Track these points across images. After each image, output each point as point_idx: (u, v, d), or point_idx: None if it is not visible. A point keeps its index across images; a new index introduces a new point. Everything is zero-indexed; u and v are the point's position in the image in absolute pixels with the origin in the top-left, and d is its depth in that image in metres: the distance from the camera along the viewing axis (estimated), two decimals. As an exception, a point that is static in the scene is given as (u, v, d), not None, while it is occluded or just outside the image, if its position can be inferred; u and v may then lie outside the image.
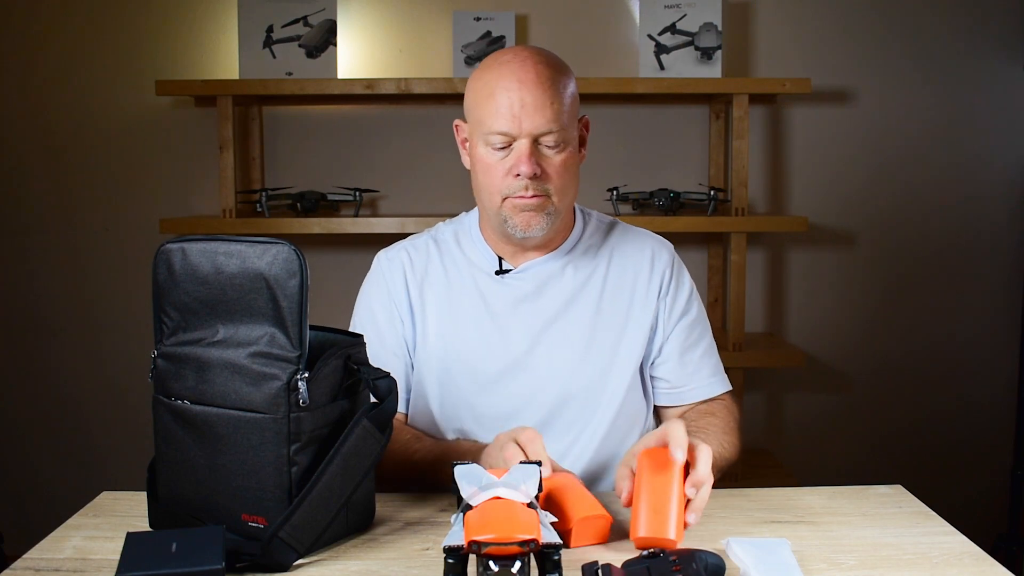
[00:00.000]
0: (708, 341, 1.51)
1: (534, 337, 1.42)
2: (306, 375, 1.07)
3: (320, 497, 1.07)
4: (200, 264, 1.12)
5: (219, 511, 1.10)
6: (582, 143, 1.42)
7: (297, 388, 1.07)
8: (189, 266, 1.13)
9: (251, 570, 1.04)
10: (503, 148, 1.34)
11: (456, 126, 1.45)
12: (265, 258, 1.10)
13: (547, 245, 1.45)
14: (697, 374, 1.48)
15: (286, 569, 1.05)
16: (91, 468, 2.77)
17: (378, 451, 1.12)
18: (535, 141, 1.33)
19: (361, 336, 1.18)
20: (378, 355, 1.39)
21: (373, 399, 1.15)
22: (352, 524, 1.15)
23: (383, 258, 1.51)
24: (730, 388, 1.52)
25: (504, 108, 1.32)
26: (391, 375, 1.16)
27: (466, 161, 1.43)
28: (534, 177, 1.33)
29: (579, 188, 1.45)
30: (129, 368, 2.74)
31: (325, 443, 1.10)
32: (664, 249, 1.51)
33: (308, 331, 1.09)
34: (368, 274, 1.53)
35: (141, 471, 1.22)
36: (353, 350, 1.15)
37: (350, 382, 1.14)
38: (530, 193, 1.34)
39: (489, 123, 1.33)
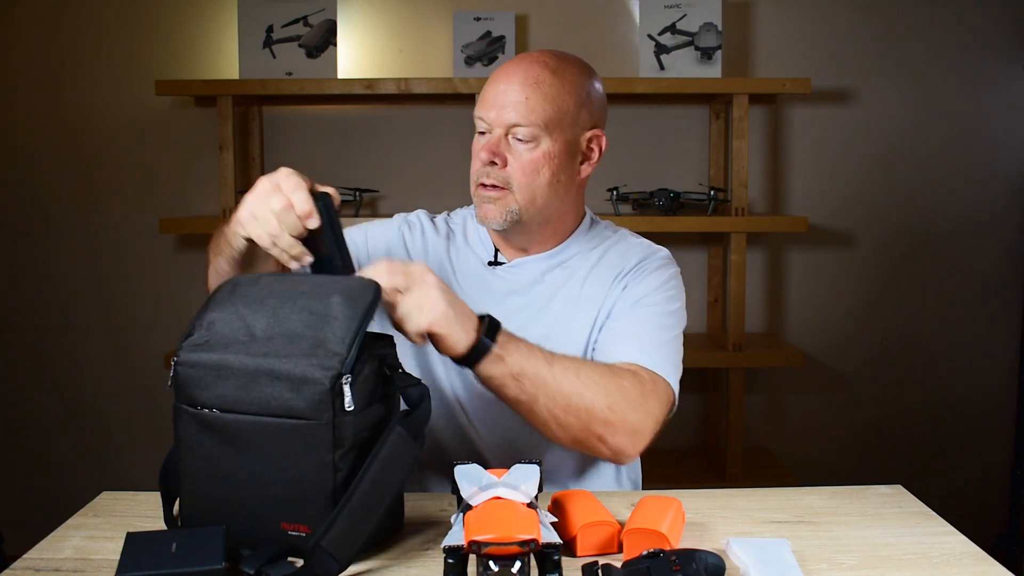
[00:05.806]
0: (653, 330, 1.37)
1: (514, 330, 1.40)
2: (349, 379, 1.01)
3: (359, 505, 1.01)
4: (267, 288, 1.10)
5: (255, 521, 1.04)
6: (585, 159, 1.40)
7: (342, 393, 1.01)
8: (258, 289, 1.11)
9: None
10: (484, 134, 1.37)
11: None
12: (342, 283, 1.09)
13: (539, 245, 1.45)
14: (623, 342, 1.36)
15: None
16: (94, 469, 2.77)
17: (412, 459, 1.06)
18: (507, 133, 1.35)
19: (390, 337, 1.13)
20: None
21: (404, 406, 1.10)
22: (383, 529, 1.10)
23: (405, 214, 1.55)
24: (663, 375, 1.33)
25: (490, 96, 1.36)
26: (422, 382, 1.10)
27: None
28: (492, 163, 1.35)
29: (579, 204, 1.46)
30: (127, 367, 2.74)
31: (366, 447, 1.05)
32: (652, 256, 1.46)
33: (361, 338, 1.04)
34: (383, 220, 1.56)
35: (145, 471, 1.21)
36: (385, 352, 1.10)
37: (384, 387, 1.09)
38: (489, 181, 1.36)
39: (477, 107, 1.38)
